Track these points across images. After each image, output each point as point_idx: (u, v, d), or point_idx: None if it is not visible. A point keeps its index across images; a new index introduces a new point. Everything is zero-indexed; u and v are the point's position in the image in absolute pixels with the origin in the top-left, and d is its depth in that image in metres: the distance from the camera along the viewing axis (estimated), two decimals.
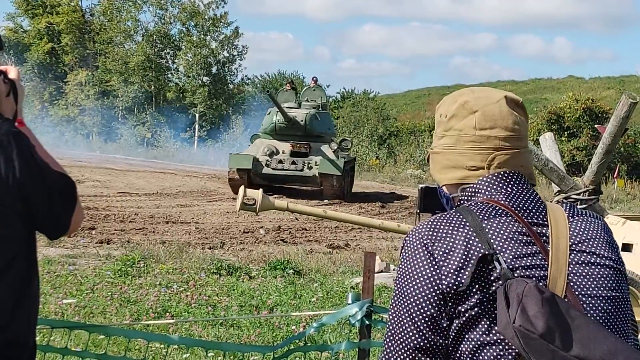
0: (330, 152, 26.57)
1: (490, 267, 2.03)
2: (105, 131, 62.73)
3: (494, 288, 2.02)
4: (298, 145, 26.87)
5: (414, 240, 2.14)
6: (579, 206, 7.90)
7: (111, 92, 64.33)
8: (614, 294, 2.13)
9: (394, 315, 2.12)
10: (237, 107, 62.44)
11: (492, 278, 2.02)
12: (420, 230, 2.14)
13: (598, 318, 2.09)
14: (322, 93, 30.51)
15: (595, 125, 42.47)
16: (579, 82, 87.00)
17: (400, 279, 2.13)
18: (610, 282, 2.14)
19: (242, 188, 8.44)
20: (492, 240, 2.06)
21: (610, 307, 2.12)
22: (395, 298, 2.13)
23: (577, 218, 2.22)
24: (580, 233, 2.18)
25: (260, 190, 8.29)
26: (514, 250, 2.07)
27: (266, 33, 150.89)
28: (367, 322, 4.81)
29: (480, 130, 2.22)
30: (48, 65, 67.58)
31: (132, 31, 66.26)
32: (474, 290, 2.03)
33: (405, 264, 2.13)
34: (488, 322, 2.02)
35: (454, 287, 2.03)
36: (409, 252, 2.13)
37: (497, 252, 2.04)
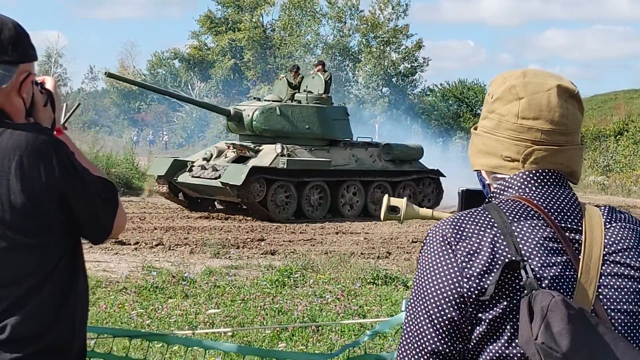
0: (270, 156, 20.82)
1: (516, 274, 1.85)
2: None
3: (518, 298, 1.83)
4: (240, 148, 21.53)
5: (437, 236, 1.96)
6: None
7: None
8: None
9: (412, 316, 1.96)
10: (416, 117, 62.17)
11: (517, 287, 1.84)
12: (444, 227, 1.96)
13: (626, 335, 1.89)
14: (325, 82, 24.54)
15: None
16: None
17: (419, 278, 1.97)
18: None
19: (386, 196, 8.28)
20: (520, 246, 1.88)
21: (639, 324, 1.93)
22: (414, 298, 1.97)
23: (614, 224, 2.01)
24: (617, 242, 1.97)
25: (405, 198, 8.13)
26: (542, 258, 1.88)
27: (445, 41, 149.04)
28: None
29: (522, 120, 2.03)
30: (232, 81, 69.70)
31: (312, 45, 67.36)
32: (497, 298, 1.85)
33: (426, 262, 1.96)
34: (509, 334, 1.85)
35: (476, 292, 1.86)
36: (431, 249, 1.96)
37: (525, 259, 1.86)
